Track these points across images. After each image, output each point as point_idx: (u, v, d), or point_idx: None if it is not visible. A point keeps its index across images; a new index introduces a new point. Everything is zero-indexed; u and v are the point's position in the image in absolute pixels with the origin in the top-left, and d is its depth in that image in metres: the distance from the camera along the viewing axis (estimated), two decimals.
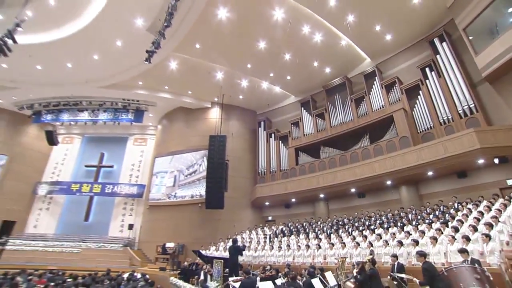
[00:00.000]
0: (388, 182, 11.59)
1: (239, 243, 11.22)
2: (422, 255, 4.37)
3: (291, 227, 12.26)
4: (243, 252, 8.36)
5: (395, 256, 5.33)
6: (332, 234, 9.42)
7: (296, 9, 11.07)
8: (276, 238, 11.23)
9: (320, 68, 14.52)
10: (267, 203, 15.73)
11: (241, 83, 15.49)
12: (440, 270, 4.01)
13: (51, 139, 16.82)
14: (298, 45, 12.84)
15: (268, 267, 7.67)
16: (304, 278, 5.45)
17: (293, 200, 14.79)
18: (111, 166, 20.36)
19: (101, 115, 17.83)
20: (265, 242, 11.04)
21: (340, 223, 10.88)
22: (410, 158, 10.29)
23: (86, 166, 20.27)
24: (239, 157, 16.35)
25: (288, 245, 9.78)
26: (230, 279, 5.89)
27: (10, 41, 9.39)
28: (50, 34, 12.48)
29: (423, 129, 11.21)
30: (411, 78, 12.16)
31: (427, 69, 11.56)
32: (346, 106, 13.97)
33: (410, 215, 8.99)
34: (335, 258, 7.40)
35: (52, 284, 6.55)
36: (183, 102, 17.39)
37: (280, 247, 9.71)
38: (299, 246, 9.08)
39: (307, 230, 11.00)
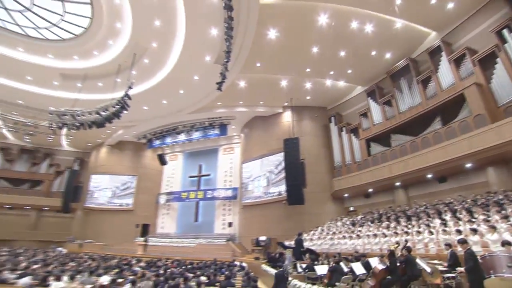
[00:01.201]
0: (468, 165, 11.01)
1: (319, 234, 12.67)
2: (464, 242, 4.72)
3: (371, 217, 12.83)
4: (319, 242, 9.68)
5: (448, 245, 5.58)
6: (406, 221, 9.83)
7: (339, 11, 11.57)
8: (353, 227, 12.12)
9: (380, 55, 14.37)
10: (346, 195, 16.47)
11: (305, 85, 16.53)
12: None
13: (162, 160, 21.58)
14: (350, 41, 13.07)
15: (337, 255, 8.79)
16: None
17: (371, 190, 15.13)
18: (209, 175, 24.24)
19: (194, 134, 21.68)
20: (340, 231, 12.10)
21: (419, 210, 10.96)
22: (489, 137, 9.55)
23: (190, 176, 24.69)
24: (315, 154, 17.44)
25: (361, 234, 10.65)
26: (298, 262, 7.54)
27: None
28: (148, 82, 16.38)
29: (505, 102, 10.03)
30: (484, 46, 10.97)
31: (504, 31, 10.26)
32: (413, 89, 13.52)
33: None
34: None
35: (179, 267, 9.43)
36: (257, 111, 19.52)
37: (355, 236, 10.64)
38: (375, 234, 9.76)
39: (385, 219, 11.44)
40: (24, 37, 14.39)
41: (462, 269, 4.60)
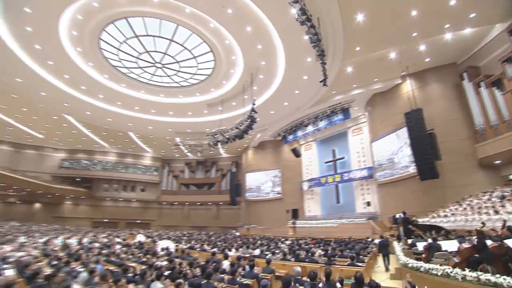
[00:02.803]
0: None
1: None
2: None
3: None
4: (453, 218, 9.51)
5: None
6: None
7: None
8: (501, 201, 10.69)
9: None
10: (498, 162, 13.97)
11: (419, 48, 14.99)
12: None
13: (296, 153, 24.30)
14: None
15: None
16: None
17: None
18: (343, 158, 25.16)
19: (319, 123, 23.20)
20: (481, 207, 10.90)
21: None
22: None
23: (325, 162, 26.36)
24: (448, 120, 15.52)
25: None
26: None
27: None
28: (268, 91, 19.17)
29: None
30: None
31: None
32: None
33: None
34: None
35: (319, 244, 11.56)
36: (374, 89, 19.03)
37: (492, 212, 9.65)
38: None
39: None
40: (182, 87, 20.16)
41: None
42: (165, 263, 7.19)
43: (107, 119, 24.10)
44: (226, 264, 6.62)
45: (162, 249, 10.35)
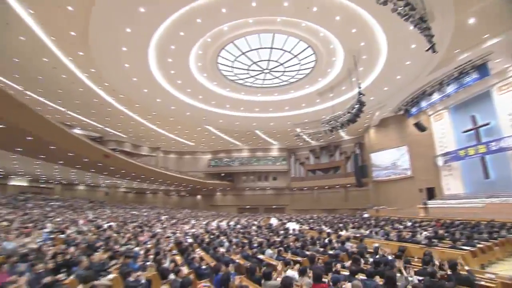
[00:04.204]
0: None
1: None
2: None
3: None
4: None
5: None
6: None
7: None
8: None
9: None
10: None
11: None
12: None
13: (420, 127, 21.93)
14: None
15: None
16: None
17: None
18: (487, 124, 20.92)
19: (447, 89, 20.10)
20: None
21: None
22: None
23: (464, 131, 22.51)
24: None
25: None
26: None
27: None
28: (376, 69, 18.39)
29: None
30: None
31: None
32: None
33: None
34: None
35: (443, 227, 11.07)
36: None
37: None
38: None
39: None
40: (292, 84, 21.94)
41: None
42: (279, 239, 9.21)
43: (235, 123, 28.73)
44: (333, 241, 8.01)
45: (285, 229, 12.51)
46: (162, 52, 16.06)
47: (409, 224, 12.38)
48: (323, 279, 4.14)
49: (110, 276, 5.44)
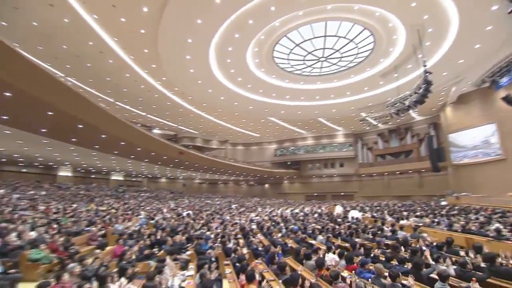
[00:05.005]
0: None
1: None
2: None
3: None
4: None
5: None
6: None
7: None
8: None
9: None
10: None
11: None
12: None
13: (509, 101, 18.76)
14: None
15: None
16: None
17: None
18: None
19: None
20: None
21: None
22: None
23: None
24: None
25: None
26: None
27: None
28: (447, 41, 16.53)
29: None
30: None
31: None
32: None
33: None
34: None
35: None
36: None
37: None
38: None
39: None
40: (351, 68, 21.18)
41: None
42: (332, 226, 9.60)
43: (297, 112, 28.97)
44: (386, 230, 8.03)
45: (343, 218, 12.65)
46: (221, 55, 17.36)
47: (486, 214, 11.18)
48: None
49: (188, 252, 7.36)
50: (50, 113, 10.43)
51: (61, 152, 19.81)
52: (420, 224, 9.24)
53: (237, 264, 5.56)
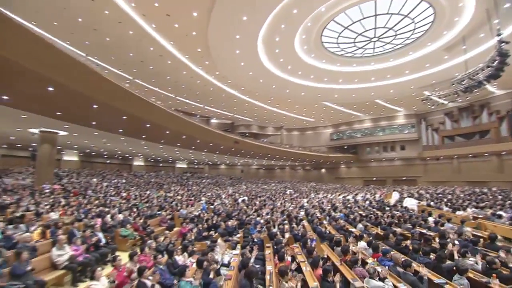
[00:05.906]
0: None
1: None
2: None
3: None
4: None
5: None
6: None
7: None
8: None
9: None
10: None
11: None
12: None
13: None
14: None
15: None
16: None
17: None
18: None
19: None
20: None
21: None
22: None
23: None
24: None
25: None
26: None
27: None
28: None
29: None
30: None
31: None
32: None
33: None
34: None
35: None
36: None
37: None
38: None
39: None
40: (408, 45, 19.62)
41: None
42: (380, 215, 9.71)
43: (352, 95, 27.92)
44: (430, 220, 7.89)
45: (391, 206, 12.35)
46: (269, 46, 17.78)
47: None
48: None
49: (238, 235, 8.57)
50: (124, 117, 12.73)
51: (134, 146, 23.28)
52: (480, 216, 8.61)
53: (275, 247, 6.52)
